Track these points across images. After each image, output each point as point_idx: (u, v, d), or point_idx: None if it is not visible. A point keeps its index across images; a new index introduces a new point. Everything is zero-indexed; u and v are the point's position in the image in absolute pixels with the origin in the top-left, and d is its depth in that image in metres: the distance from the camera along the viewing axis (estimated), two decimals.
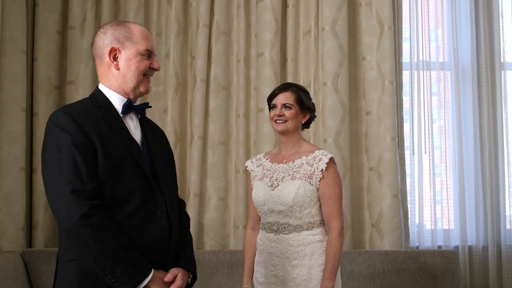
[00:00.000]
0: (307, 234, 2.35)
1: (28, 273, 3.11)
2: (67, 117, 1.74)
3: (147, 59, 1.86)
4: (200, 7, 3.51)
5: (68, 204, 1.65)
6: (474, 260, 3.55)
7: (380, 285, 3.22)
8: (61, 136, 1.71)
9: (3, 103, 3.23)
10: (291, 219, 2.36)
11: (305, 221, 2.36)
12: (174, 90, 3.50)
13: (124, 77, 1.84)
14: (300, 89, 2.45)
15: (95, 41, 1.88)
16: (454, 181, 3.64)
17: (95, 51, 1.87)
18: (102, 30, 1.88)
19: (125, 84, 1.85)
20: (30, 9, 3.47)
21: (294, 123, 2.40)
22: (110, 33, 1.85)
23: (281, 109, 2.40)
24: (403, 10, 3.65)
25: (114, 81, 1.85)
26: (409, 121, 3.65)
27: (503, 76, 3.68)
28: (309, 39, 3.59)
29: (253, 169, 2.52)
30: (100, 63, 1.87)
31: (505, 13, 3.74)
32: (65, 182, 1.66)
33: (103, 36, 1.85)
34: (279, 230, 2.38)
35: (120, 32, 1.85)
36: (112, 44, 1.83)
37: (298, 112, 2.41)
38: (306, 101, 2.42)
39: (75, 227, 1.64)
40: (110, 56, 1.83)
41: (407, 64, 3.67)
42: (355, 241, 3.51)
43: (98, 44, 1.86)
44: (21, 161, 3.27)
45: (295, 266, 2.33)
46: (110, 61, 1.84)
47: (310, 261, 2.33)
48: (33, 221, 3.39)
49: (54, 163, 1.69)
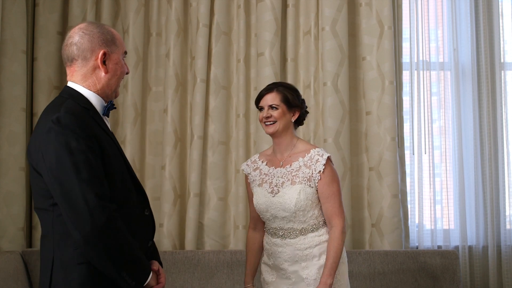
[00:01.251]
0: (313, 236, 2.35)
1: (28, 273, 3.11)
2: (73, 118, 1.71)
3: (124, 63, 1.90)
4: (200, 7, 3.51)
5: (93, 207, 1.64)
6: (474, 260, 3.55)
7: (380, 285, 3.22)
8: (72, 138, 1.68)
9: (3, 103, 3.22)
10: (296, 224, 2.36)
11: (310, 223, 2.36)
12: (174, 90, 3.50)
13: (109, 80, 1.85)
14: (286, 87, 2.43)
15: (79, 41, 1.81)
16: (454, 181, 3.64)
17: (78, 51, 1.81)
18: (83, 30, 1.83)
19: (108, 87, 1.86)
20: (30, 9, 3.47)
21: (283, 123, 2.39)
22: (97, 35, 1.82)
23: (268, 110, 2.39)
24: (403, 10, 3.65)
25: (98, 83, 1.84)
26: (409, 121, 3.65)
27: (503, 76, 3.68)
28: (309, 39, 3.59)
29: (250, 173, 2.51)
30: (83, 64, 1.82)
31: (505, 13, 3.74)
32: (87, 186, 1.65)
33: (89, 37, 1.82)
34: (285, 235, 2.38)
35: (106, 35, 1.84)
36: (102, 47, 1.82)
37: (286, 111, 2.39)
38: (293, 99, 2.40)
39: (99, 230, 1.64)
40: (100, 59, 1.82)
41: (407, 64, 3.67)
42: (355, 241, 3.51)
43: (84, 45, 1.81)
44: (21, 161, 3.27)
45: (304, 267, 2.34)
46: (99, 64, 1.82)
47: (319, 261, 2.34)
48: (33, 221, 3.39)
49: (69, 167, 1.66)
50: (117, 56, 1.86)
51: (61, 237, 1.73)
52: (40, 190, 1.77)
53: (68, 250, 1.72)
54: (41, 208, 1.79)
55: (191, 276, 3.21)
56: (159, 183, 3.49)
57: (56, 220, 1.74)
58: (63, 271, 1.73)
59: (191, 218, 3.39)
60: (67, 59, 1.85)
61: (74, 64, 1.84)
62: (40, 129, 1.74)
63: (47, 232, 1.78)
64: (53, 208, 1.74)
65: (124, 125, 3.49)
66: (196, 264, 3.23)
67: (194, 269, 3.22)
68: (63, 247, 1.73)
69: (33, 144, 1.77)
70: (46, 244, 1.79)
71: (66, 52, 1.84)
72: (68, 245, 1.72)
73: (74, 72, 1.85)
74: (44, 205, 1.77)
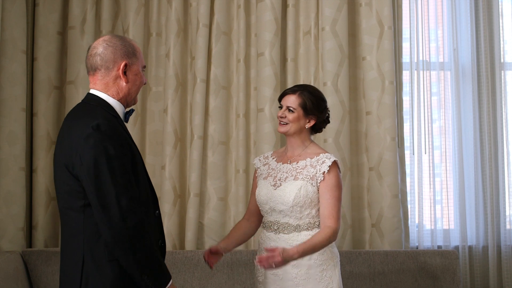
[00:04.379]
0: (307, 234, 2.35)
1: (28, 273, 3.11)
2: (111, 126, 1.86)
3: (143, 74, 2.05)
4: (200, 7, 3.51)
5: (125, 211, 1.78)
6: (474, 260, 3.55)
7: (380, 285, 3.22)
8: (110, 145, 1.82)
9: (3, 103, 3.22)
10: (291, 219, 2.37)
11: (305, 221, 2.37)
12: (174, 90, 3.50)
13: (130, 89, 2.00)
14: (311, 93, 2.43)
15: (102, 52, 1.96)
16: (454, 181, 3.64)
17: (102, 62, 1.95)
18: (107, 42, 1.97)
19: (129, 95, 2.02)
20: (30, 9, 3.47)
21: (295, 127, 2.42)
22: (119, 47, 1.97)
23: (285, 111, 2.42)
24: (403, 10, 3.65)
25: (120, 92, 1.99)
26: (409, 121, 3.65)
27: (503, 76, 3.68)
28: (309, 39, 3.59)
29: (259, 167, 2.56)
30: (106, 74, 1.97)
31: (505, 13, 3.74)
32: (122, 190, 1.80)
33: (112, 49, 1.96)
34: (279, 230, 2.39)
35: (128, 48, 1.99)
36: (124, 59, 1.97)
37: (301, 117, 2.41)
38: (311, 107, 2.41)
39: (129, 233, 1.78)
40: (122, 70, 1.96)
41: (407, 64, 3.67)
42: (355, 241, 3.51)
43: (107, 56, 1.95)
44: (21, 161, 3.27)
45: (294, 266, 2.33)
46: (120, 74, 1.97)
47: (309, 261, 2.33)
48: (33, 221, 3.39)
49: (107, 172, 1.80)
50: (136, 67, 2.01)
51: (92, 237, 1.85)
52: (71, 191, 1.87)
53: (99, 248, 1.84)
54: (71, 208, 1.89)
55: (191, 276, 3.21)
56: (159, 183, 3.49)
57: (88, 221, 1.85)
58: (95, 268, 1.84)
59: (191, 218, 3.40)
60: (90, 68, 1.99)
61: (97, 73, 1.98)
62: (77, 134, 1.85)
63: (77, 232, 1.88)
64: (84, 209, 1.85)
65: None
66: (196, 264, 3.23)
67: (194, 269, 3.22)
68: (94, 245, 1.85)
69: (68, 147, 1.88)
70: (75, 243, 1.88)
71: (90, 62, 1.98)
72: (99, 244, 1.84)
73: (97, 81, 1.99)
74: (75, 206, 1.88)
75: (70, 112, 2.01)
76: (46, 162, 3.41)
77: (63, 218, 1.95)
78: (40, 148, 3.40)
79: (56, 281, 3.04)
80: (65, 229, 1.94)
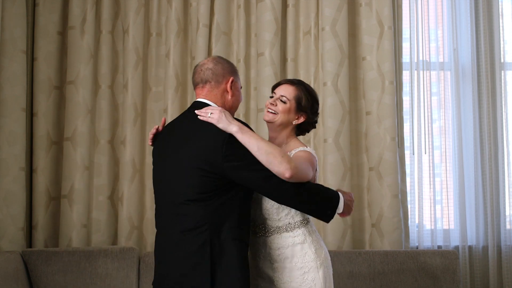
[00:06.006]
0: (287, 236, 2.26)
1: (28, 273, 3.11)
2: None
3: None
4: (200, 7, 3.52)
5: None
6: (474, 260, 3.55)
7: (380, 285, 3.22)
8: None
9: (3, 103, 3.23)
10: (270, 221, 2.27)
11: (284, 222, 2.26)
12: (174, 90, 3.50)
13: (233, 102, 2.25)
14: (308, 90, 2.34)
15: (214, 67, 2.20)
16: (454, 181, 3.64)
17: (213, 75, 2.20)
18: (216, 60, 2.24)
19: (233, 108, 2.26)
20: (30, 9, 3.47)
21: (283, 119, 2.30)
22: (226, 65, 2.24)
23: (277, 99, 2.31)
24: (403, 10, 3.65)
25: (226, 104, 2.22)
26: (409, 121, 3.65)
27: (503, 76, 3.68)
28: (309, 39, 3.59)
29: None
30: (215, 86, 2.21)
31: (505, 13, 3.74)
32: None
33: (222, 65, 2.22)
34: (261, 233, 2.29)
35: (233, 67, 2.26)
36: (232, 75, 2.23)
37: (293, 110, 2.30)
38: (306, 103, 2.31)
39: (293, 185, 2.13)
40: (230, 84, 2.21)
41: (407, 64, 3.67)
42: (355, 241, 3.51)
43: (219, 71, 2.20)
44: (21, 161, 3.27)
45: (275, 269, 2.26)
46: (228, 88, 2.21)
47: (291, 264, 2.24)
48: (33, 221, 3.39)
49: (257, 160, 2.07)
50: (238, 85, 2.27)
51: (217, 225, 2.06)
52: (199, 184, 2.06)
53: (223, 233, 2.06)
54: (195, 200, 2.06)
55: None
56: None
57: (213, 212, 2.06)
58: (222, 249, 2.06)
59: None
60: (200, 81, 2.22)
61: (207, 85, 2.22)
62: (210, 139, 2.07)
63: (198, 224, 2.05)
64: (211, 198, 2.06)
65: (124, 125, 3.49)
66: None
67: None
68: (219, 232, 2.06)
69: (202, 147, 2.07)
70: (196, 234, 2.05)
71: (200, 75, 2.22)
72: (224, 229, 2.06)
73: (206, 92, 2.22)
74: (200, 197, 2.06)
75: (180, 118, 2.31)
76: (46, 162, 3.41)
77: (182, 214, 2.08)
78: (40, 148, 3.40)
79: (56, 281, 3.05)
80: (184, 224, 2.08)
